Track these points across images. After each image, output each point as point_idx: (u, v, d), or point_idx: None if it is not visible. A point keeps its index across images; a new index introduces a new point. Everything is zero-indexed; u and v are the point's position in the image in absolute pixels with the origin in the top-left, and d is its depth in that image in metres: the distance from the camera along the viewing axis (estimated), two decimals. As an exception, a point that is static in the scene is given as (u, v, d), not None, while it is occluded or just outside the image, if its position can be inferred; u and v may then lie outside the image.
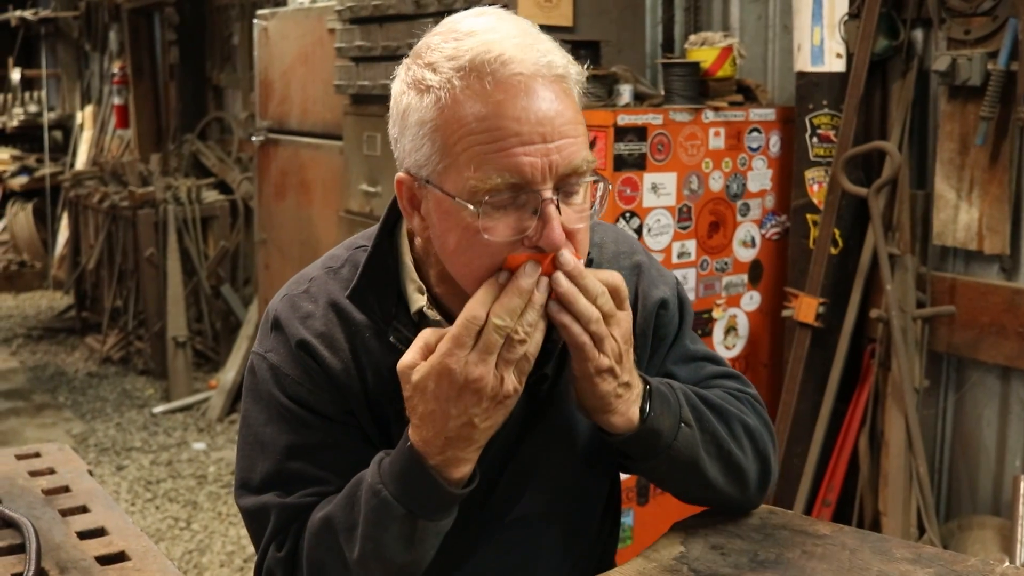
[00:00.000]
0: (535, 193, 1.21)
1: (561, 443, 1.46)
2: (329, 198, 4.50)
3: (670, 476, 1.45)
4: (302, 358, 1.38)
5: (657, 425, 1.36)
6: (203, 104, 7.60)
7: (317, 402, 1.38)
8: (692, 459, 1.41)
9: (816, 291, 3.20)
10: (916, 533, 3.00)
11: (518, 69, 1.21)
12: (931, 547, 1.44)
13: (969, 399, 3.14)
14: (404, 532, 1.27)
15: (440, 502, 1.28)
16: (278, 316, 1.42)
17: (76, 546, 1.59)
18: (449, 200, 1.24)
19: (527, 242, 1.22)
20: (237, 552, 4.07)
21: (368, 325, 1.38)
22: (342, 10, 3.91)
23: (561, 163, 1.21)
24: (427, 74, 1.24)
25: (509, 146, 1.19)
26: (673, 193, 3.10)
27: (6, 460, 1.95)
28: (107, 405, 5.87)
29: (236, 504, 1.44)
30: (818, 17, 3.22)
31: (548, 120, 1.20)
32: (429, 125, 1.24)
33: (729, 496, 1.50)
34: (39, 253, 9.04)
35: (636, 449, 1.38)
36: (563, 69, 1.25)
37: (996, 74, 2.81)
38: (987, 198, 2.95)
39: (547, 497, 1.47)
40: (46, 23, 10.05)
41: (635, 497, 3.11)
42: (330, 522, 1.32)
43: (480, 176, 1.20)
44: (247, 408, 1.44)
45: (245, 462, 1.43)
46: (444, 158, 1.23)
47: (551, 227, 1.20)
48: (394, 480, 1.27)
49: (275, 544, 1.38)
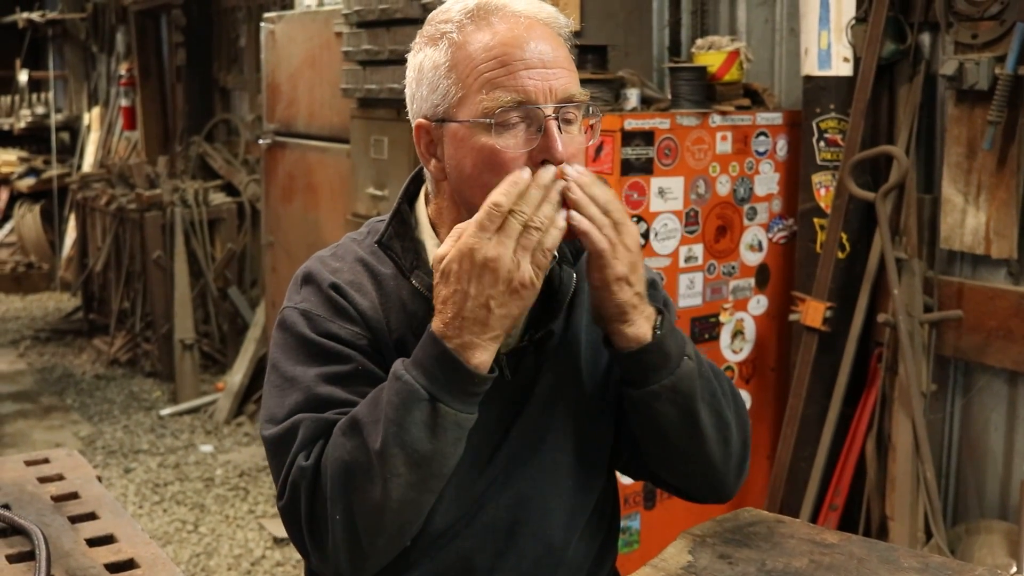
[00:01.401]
0: (538, 110, 1.38)
1: (567, 395, 1.55)
2: (336, 201, 4.50)
3: (666, 413, 1.47)
4: (333, 298, 1.48)
5: (666, 346, 1.44)
6: (210, 106, 7.61)
7: (347, 335, 1.46)
8: (690, 394, 1.46)
9: (823, 295, 3.20)
10: (923, 537, 3.00)
11: (521, 9, 1.41)
12: (939, 556, 1.44)
13: (976, 403, 3.14)
14: (426, 418, 1.34)
15: (460, 384, 1.34)
16: (309, 271, 1.54)
17: (85, 553, 1.59)
18: (465, 128, 1.40)
19: (534, 156, 1.38)
20: (244, 555, 4.08)
21: (393, 274, 1.51)
22: (349, 14, 3.91)
23: (559, 88, 1.39)
24: (440, 26, 1.43)
25: (515, 69, 1.37)
26: (680, 197, 3.10)
27: (15, 466, 1.95)
28: (114, 407, 5.88)
29: (261, 437, 1.48)
30: (825, 21, 3.22)
31: (547, 52, 1.39)
32: (445, 65, 1.41)
33: (711, 457, 1.52)
34: (46, 255, 9.06)
35: (643, 369, 1.44)
36: (556, 21, 1.44)
37: (1004, 78, 2.81)
38: (994, 202, 2.95)
39: (555, 448, 1.54)
40: (53, 25, 10.07)
41: (642, 501, 3.12)
42: (355, 419, 1.38)
43: (491, 97, 1.37)
44: (275, 358, 1.50)
45: (272, 400, 1.47)
46: (459, 90, 1.40)
47: (553, 140, 1.37)
48: (416, 365, 1.36)
49: (303, 454, 1.40)
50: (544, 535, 1.55)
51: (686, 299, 3.16)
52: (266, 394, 1.50)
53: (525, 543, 1.54)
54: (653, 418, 1.49)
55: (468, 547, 1.51)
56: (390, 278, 1.51)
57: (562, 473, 1.56)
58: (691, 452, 1.52)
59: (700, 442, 1.50)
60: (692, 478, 1.58)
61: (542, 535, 1.55)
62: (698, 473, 1.56)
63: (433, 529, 1.47)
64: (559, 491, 1.56)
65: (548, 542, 1.55)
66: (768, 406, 3.46)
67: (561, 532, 1.56)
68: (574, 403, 1.56)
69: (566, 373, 1.55)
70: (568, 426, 1.55)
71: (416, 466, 1.35)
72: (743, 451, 1.57)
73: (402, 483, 1.34)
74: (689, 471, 1.57)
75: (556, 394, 1.54)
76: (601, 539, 1.65)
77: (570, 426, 1.56)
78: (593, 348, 1.58)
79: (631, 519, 3.10)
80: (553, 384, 1.53)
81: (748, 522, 1.56)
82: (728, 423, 1.53)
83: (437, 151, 1.45)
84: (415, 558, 1.49)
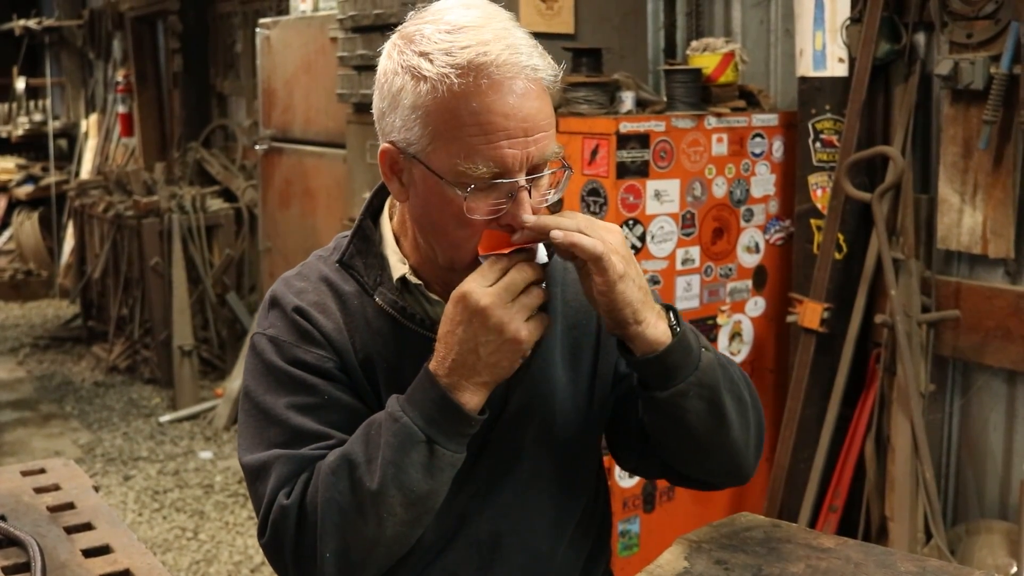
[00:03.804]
0: (512, 181, 1.37)
1: (544, 403, 1.55)
2: (333, 206, 4.50)
3: (694, 408, 1.44)
4: (298, 322, 1.49)
5: (687, 341, 1.43)
6: (207, 112, 7.61)
7: (315, 360, 1.47)
8: (715, 385, 1.45)
9: (821, 296, 3.20)
10: (923, 538, 2.99)
11: (510, 73, 1.35)
12: (936, 560, 1.44)
13: (975, 403, 3.13)
14: (424, 460, 1.36)
15: (455, 426, 1.37)
16: (274, 294, 1.55)
17: (81, 564, 1.59)
18: (435, 178, 1.38)
19: (500, 220, 1.39)
20: (244, 562, 4.08)
21: (356, 292, 1.52)
22: (344, 19, 3.91)
23: (536, 154, 1.38)
24: (423, 63, 1.37)
25: (497, 139, 1.35)
26: (676, 200, 3.10)
27: (11, 477, 1.95)
28: (114, 414, 5.88)
29: (240, 462, 1.49)
30: (820, 22, 3.21)
31: (531, 117, 1.36)
32: (423, 111, 1.37)
33: (736, 443, 1.50)
34: (45, 262, 9.06)
35: (667, 370, 1.42)
36: (543, 71, 1.39)
37: (999, 77, 2.80)
38: (991, 202, 2.94)
39: (534, 457, 1.55)
40: (50, 32, 10.08)
41: (641, 504, 3.11)
42: (348, 458, 1.38)
43: (469, 164, 1.35)
44: (247, 384, 1.51)
45: (248, 429, 1.49)
46: (434, 141, 1.37)
47: (523, 208, 1.38)
48: (413, 406, 1.37)
49: (283, 492, 1.42)
50: (529, 545, 1.55)
51: (683, 302, 3.16)
52: (241, 421, 1.52)
53: (510, 554, 1.54)
54: (681, 417, 1.46)
55: (453, 562, 1.52)
56: (354, 296, 1.52)
57: (543, 481, 1.56)
58: (717, 442, 1.49)
59: (726, 431, 1.48)
60: (715, 468, 1.56)
61: (527, 545, 1.55)
62: (722, 461, 1.54)
63: (418, 547, 1.47)
64: (541, 499, 1.56)
65: (534, 551, 1.55)
66: (766, 408, 3.43)
67: (546, 540, 1.56)
68: (552, 410, 1.55)
69: (542, 380, 1.54)
70: (546, 433, 1.55)
71: (412, 505, 1.37)
72: (760, 428, 1.56)
73: (397, 521, 1.37)
74: (713, 462, 1.54)
75: (532, 402, 1.53)
76: (591, 543, 1.64)
77: (549, 433, 1.55)
78: (571, 353, 1.57)
79: (630, 523, 3.09)
80: (529, 392, 1.53)
81: (744, 527, 1.56)
82: (747, 404, 1.52)
83: (403, 176, 1.44)
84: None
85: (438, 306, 1.50)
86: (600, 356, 1.60)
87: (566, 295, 1.59)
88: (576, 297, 1.58)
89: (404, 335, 1.49)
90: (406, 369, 1.46)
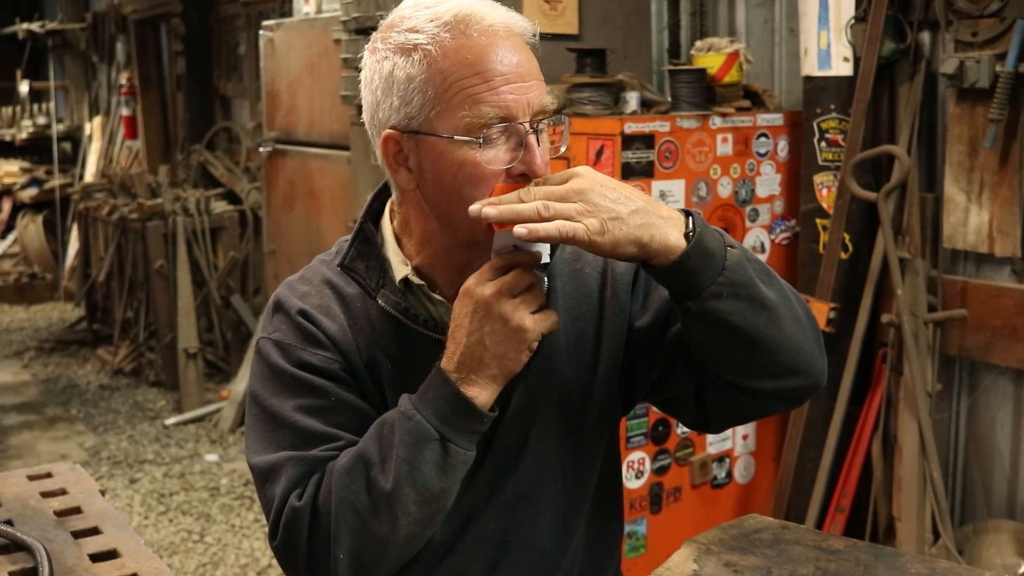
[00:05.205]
0: (519, 125, 1.38)
1: (548, 397, 1.54)
2: (337, 208, 4.50)
3: (734, 309, 1.36)
4: (302, 325, 1.49)
5: (705, 243, 1.34)
6: (211, 114, 7.62)
7: (320, 362, 1.47)
8: (748, 282, 1.37)
9: (827, 296, 3.19)
10: (931, 538, 2.99)
11: (494, 23, 1.39)
12: (945, 561, 1.43)
13: (982, 402, 3.13)
14: (438, 458, 1.36)
15: (468, 423, 1.37)
16: (278, 298, 1.55)
17: (88, 569, 1.58)
18: (444, 141, 1.38)
19: (513, 171, 1.38)
20: (251, 564, 4.08)
21: (359, 295, 1.52)
22: (347, 20, 3.91)
23: (535, 101, 1.39)
24: (411, 36, 1.39)
25: (497, 85, 1.36)
26: (682, 200, 3.09)
27: (18, 481, 1.95)
28: (119, 417, 5.88)
29: (248, 465, 1.49)
30: (824, 21, 3.21)
31: (522, 64, 1.39)
32: (419, 79, 1.38)
33: (794, 337, 1.42)
34: (50, 265, 9.07)
35: (690, 274, 1.34)
36: (526, 31, 1.43)
37: (1004, 76, 2.80)
38: (997, 200, 2.93)
39: (539, 453, 1.54)
40: (53, 35, 10.09)
41: (648, 506, 3.10)
42: (362, 458, 1.38)
43: (475, 113, 1.36)
44: (254, 389, 1.51)
45: (256, 433, 1.49)
46: (437, 105, 1.38)
47: (533, 154, 1.38)
48: (426, 404, 1.38)
49: (295, 495, 1.41)
50: (536, 543, 1.54)
51: (689, 302, 3.15)
52: (249, 425, 1.52)
53: (517, 552, 1.54)
54: (724, 321, 1.37)
55: (461, 561, 1.52)
56: (356, 299, 1.52)
57: (549, 478, 1.55)
58: (772, 336, 1.40)
59: (777, 323, 1.39)
60: (782, 370, 1.45)
61: (534, 543, 1.54)
62: (788, 360, 1.43)
63: (426, 547, 1.47)
64: (548, 497, 1.55)
65: (541, 549, 1.55)
66: (773, 408, 3.44)
67: (554, 538, 1.55)
68: (556, 404, 1.54)
69: (545, 375, 1.53)
70: (551, 428, 1.54)
71: (426, 504, 1.37)
72: (813, 321, 1.48)
73: (411, 520, 1.37)
74: (777, 362, 1.43)
75: (536, 397, 1.53)
76: (601, 542, 1.64)
77: (554, 428, 1.54)
78: (575, 343, 1.55)
79: (637, 524, 3.09)
80: (532, 387, 1.52)
81: (753, 529, 1.55)
82: (789, 297, 1.44)
83: (408, 161, 1.44)
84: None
85: (441, 306, 1.50)
86: (603, 346, 1.56)
87: (566, 287, 1.57)
88: (576, 288, 1.57)
89: (408, 336, 1.49)
90: (411, 370, 1.46)
